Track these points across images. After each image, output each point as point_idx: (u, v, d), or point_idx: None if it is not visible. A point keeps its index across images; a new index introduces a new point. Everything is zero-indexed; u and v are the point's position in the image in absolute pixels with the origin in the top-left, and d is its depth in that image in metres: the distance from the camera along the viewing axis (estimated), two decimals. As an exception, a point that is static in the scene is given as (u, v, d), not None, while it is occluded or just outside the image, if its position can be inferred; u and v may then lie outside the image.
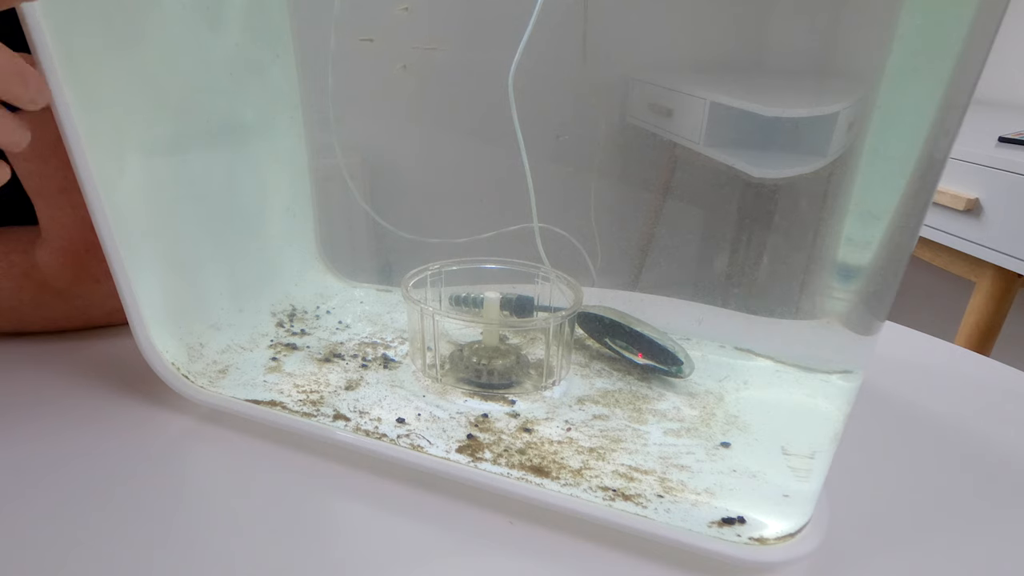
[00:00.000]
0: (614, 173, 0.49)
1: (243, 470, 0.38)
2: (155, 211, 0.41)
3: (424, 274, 0.47)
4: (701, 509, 0.33)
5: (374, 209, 0.52)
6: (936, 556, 0.34)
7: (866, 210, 0.33)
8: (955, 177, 1.10)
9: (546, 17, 0.37)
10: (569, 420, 0.40)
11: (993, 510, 0.37)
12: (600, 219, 0.48)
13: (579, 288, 0.44)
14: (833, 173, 0.36)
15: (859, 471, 0.39)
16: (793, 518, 0.32)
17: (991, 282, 1.10)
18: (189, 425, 0.41)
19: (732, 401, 0.42)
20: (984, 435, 0.44)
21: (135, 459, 0.38)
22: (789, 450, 0.37)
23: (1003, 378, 0.51)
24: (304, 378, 0.43)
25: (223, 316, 0.47)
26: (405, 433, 0.38)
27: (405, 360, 0.46)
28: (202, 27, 0.42)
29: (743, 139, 0.45)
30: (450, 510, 0.35)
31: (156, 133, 0.41)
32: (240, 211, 0.48)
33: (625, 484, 0.35)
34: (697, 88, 0.48)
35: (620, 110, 0.50)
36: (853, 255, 0.34)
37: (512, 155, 0.40)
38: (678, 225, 0.48)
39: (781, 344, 0.45)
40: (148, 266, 0.40)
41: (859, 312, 0.34)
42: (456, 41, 0.50)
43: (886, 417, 0.45)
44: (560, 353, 0.43)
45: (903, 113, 0.29)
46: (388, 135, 0.58)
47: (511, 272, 0.48)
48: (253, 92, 0.47)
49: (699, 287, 0.46)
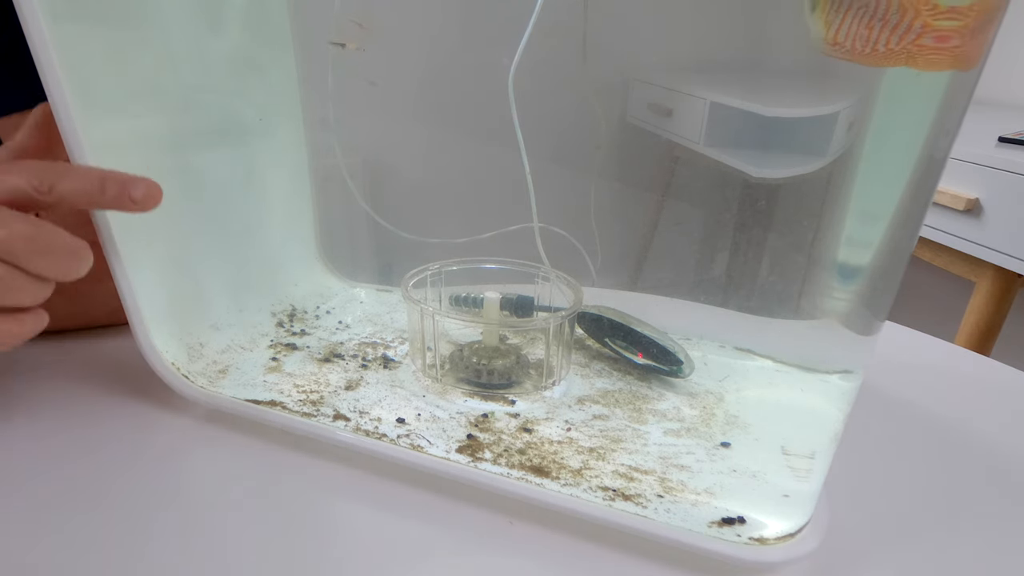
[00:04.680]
0: (614, 173, 0.49)
1: (243, 470, 0.38)
2: (155, 211, 0.41)
3: (424, 274, 0.47)
4: (701, 509, 0.33)
5: (374, 209, 0.52)
6: (936, 556, 0.34)
7: (866, 210, 0.33)
8: (955, 177, 1.10)
9: (546, 17, 0.37)
10: (569, 420, 0.40)
11: (993, 510, 0.37)
12: (600, 219, 0.48)
13: (579, 288, 0.44)
14: (833, 173, 0.36)
15: (859, 471, 0.39)
16: (793, 518, 0.32)
17: (991, 282, 1.10)
18: (189, 425, 0.41)
19: (732, 401, 0.42)
20: (984, 435, 0.44)
21: (135, 459, 0.38)
22: (789, 450, 0.37)
23: (1003, 378, 0.51)
24: (304, 378, 0.43)
25: (223, 316, 0.47)
26: (405, 433, 0.38)
27: (405, 360, 0.46)
28: (202, 27, 0.42)
29: (743, 139, 0.45)
30: (450, 510, 0.35)
31: (156, 133, 0.41)
32: (240, 211, 0.48)
33: (625, 484, 0.35)
34: (697, 88, 0.48)
35: (620, 110, 0.50)
36: (853, 255, 0.34)
37: (512, 155, 0.40)
38: (678, 225, 0.48)
39: (781, 344, 0.45)
40: (148, 266, 0.40)
41: (859, 312, 0.34)
42: (456, 41, 0.50)
43: (886, 417, 0.45)
44: (560, 353, 0.43)
45: (903, 113, 0.29)
46: (388, 135, 0.58)
47: (511, 272, 0.48)
48: (253, 92, 0.47)
49: (699, 287, 0.46)
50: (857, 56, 0.28)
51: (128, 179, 0.34)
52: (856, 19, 0.27)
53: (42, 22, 0.31)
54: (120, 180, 0.34)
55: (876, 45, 0.27)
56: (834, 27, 0.28)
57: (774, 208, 0.42)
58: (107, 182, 0.34)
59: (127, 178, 0.34)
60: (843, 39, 0.28)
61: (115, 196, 0.34)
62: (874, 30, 0.26)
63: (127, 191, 0.34)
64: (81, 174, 0.34)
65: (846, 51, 0.28)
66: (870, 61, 0.28)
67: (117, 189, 0.34)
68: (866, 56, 0.27)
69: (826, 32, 0.28)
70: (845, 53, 0.28)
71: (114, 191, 0.34)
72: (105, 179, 0.34)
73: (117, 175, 0.34)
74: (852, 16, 0.27)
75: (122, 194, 0.34)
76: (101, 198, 0.34)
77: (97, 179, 0.34)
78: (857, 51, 0.27)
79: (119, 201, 0.34)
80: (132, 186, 0.34)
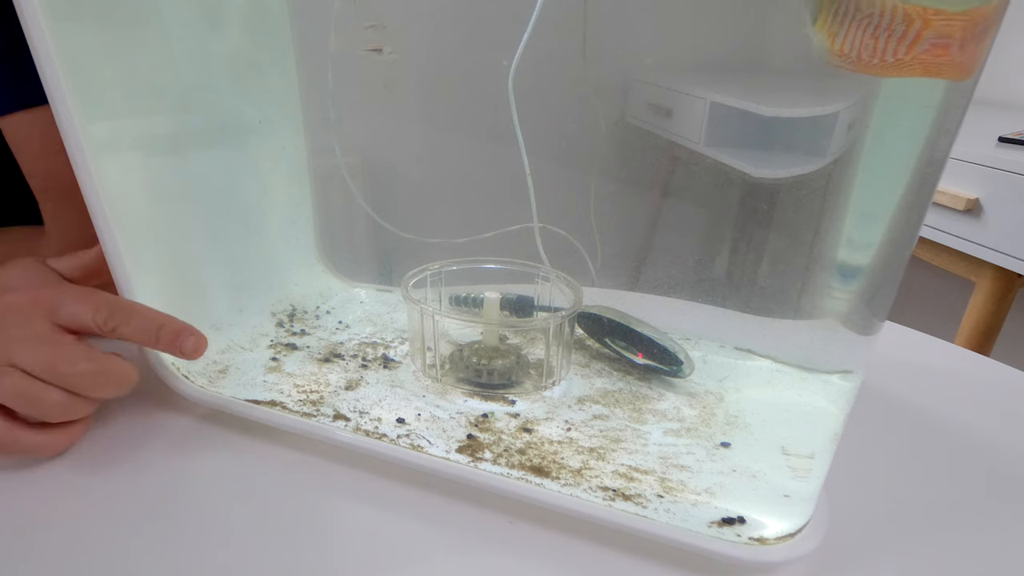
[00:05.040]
0: (614, 173, 0.49)
1: (243, 470, 0.38)
2: (155, 211, 0.41)
3: (424, 274, 0.47)
4: (701, 509, 0.33)
5: (374, 209, 0.52)
6: (936, 556, 0.34)
7: (866, 210, 0.33)
8: (955, 177, 1.10)
9: (546, 17, 0.37)
10: (569, 420, 0.40)
11: (993, 509, 0.37)
12: (600, 219, 0.48)
13: (579, 288, 0.44)
14: (833, 173, 0.36)
15: (859, 471, 0.39)
16: (793, 518, 0.32)
17: (991, 282, 1.10)
18: (189, 425, 0.41)
19: (732, 401, 0.42)
20: (984, 435, 0.44)
21: (135, 459, 0.38)
22: (789, 450, 0.37)
23: (1003, 378, 0.51)
24: (304, 378, 0.43)
25: (223, 316, 0.47)
26: (405, 433, 0.38)
27: (405, 360, 0.46)
28: (202, 27, 0.42)
29: (743, 139, 0.45)
30: (450, 510, 0.35)
31: (156, 133, 0.41)
32: (240, 211, 0.48)
33: (625, 484, 0.35)
34: (697, 88, 0.48)
35: (620, 110, 0.50)
36: (853, 255, 0.34)
37: (512, 155, 0.40)
38: (678, 225, 0.48)
39: (781, 344, 0.45)
40: (148, 266, 0.40)
41: (859, 312, 0.34)
42: (456, 41, 0.50)
43: (886, 417, 0.45)
44: (560, 353, 0.43)
45: (903, 113, 0.29)
46: (388, 135, 0.58)
47: (511, 272, 0.48)
48: (253, 92, 0.47)
49: (699, 287, 0.46)
50: (865, 67, 0.27)
51: (181, 330, 0.37)
52: (861, 30, 0.27)
53: (43, 22, 0.31)
54: (174, 330, 0.37)
55: (884, 55, 0.26)
56: (839, 38, 0.27)
57: (774, 208, 0.42)
58: (162, 331, 0.36)
59: (180, 329, 0.37)
60: (849, 50, 0.27)
61: (167, 344, 0.37)
62: (880, 40, 0.26)
63: (179, 342, 0.37)
64: (142, 322, 0.36)
65: (853, 62, 0.28)
66: (880, 72, 0.27)
67: (170, 339, 0.37)
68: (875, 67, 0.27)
69: (831, 43, 0.28)
70: (852, 64, 0.28)
71: (167, 340, 0.36)
72: (161, 328, 0.36)
73: (172, 325, 0.37)
74: (856, 27, 0.27)
75: (173, 344, 0.37)
76: (154, 344, 0.36)
77: (155, 328, 0.36)
78: (864, 61, 0.27)
79: (169, 348, 0.37)
80: (183, 338, 0.37)
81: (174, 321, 0.37)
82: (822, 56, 0.29)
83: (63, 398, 0.34)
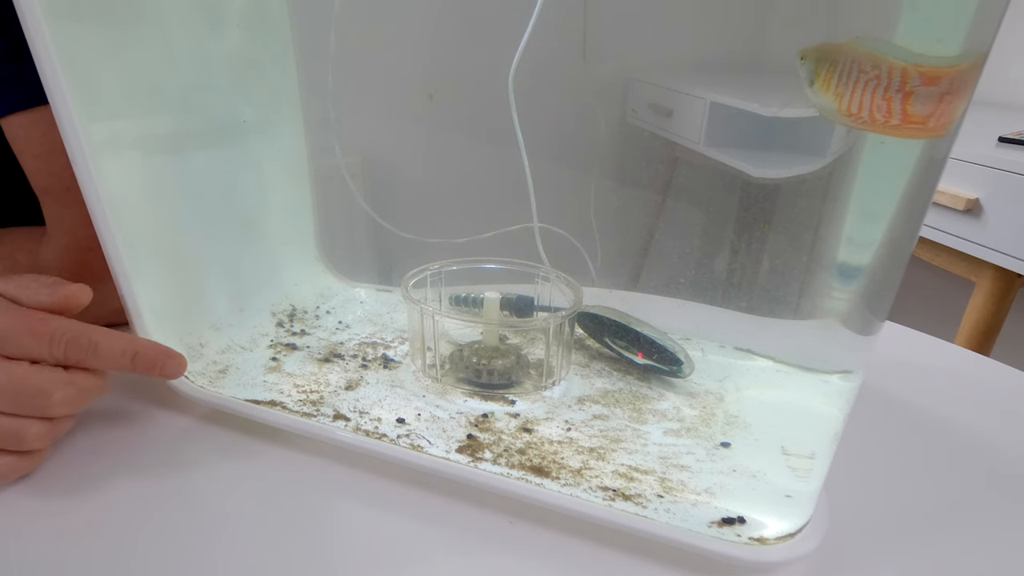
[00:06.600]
0: (614, 173, 0.49)
1: (243, 470, 0.38)
2: (155, 211, 0.41)
3: (424, 274, 0.47)
4: (701, 509, 0.33)
5: (374, 209, 0.52)
6: (936, 556, 0.34)
7: (866, 210, 0.33)
8: (955, 177, 1.10)
9: (546, 17, 0.37)
10: (569, 420, 0.40)
11: (993, 509, 0.37)
12: (600, 219, 0.48)
13: (579, 288, 0.44)
14: (833, 173, 0.36)
15: (859, 471, 0.39)
16: (793, 518, 0.32)
17: (991, 282, 1.10)
18: (189, 425, 0.41)
19: (732, 401, 0.42)
20: (984, 435, 0.44)
21: (135, 459, 0.38)
22: (789, 450, 0.37)
23: (1003, 378, 0.51)
24: (304, 378, 0.43)
25: (223, 316, 0.47)
26: (405, 433, 0.38)
27: (405, 360, 0.46)
28: (202, 26, 0.42)
29: (743, 139, 0.45)
30: (450, 510, 0.35)
31: (156, 133, 0.41)
32: (240, 211, 0.48)
33: (625, 484, 0.35)
34: (697, 88, 0.48)
35: (620, 110, 0.50)
36: (853, 255, 0.34)
37: (512, 155, 0.40)
38: (678, 225, 0.48)
39: (781, 344, 0.45)
40: (148, 266, 0.40)
41: (859, 312, 0.34)
42: (456, 41, 0.50)
43: (886, 417, 0.45)
44: (560, 353, 0.43)
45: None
46: (388, 135, 0.58)
47: (511, 272, 0.48)
48: (253, 92, 0.47)
49: (699, 287, 0.46)
50: (880, 127, 0.27)
51: (156, 357, 0.36)
52: (867, 91, 0.26)
53: (42, 21, 0.31)
54: (149, 359, 0.36)
55: (889, 117, 0.26)
56: (846, 99, 0.27)
57: (774, 208, 0.42)
58: (138, 359, 0.36)
59: (155, 357, 0.36)
60: (857, 110, 0.27)
61: (144, 371, 0.36)
62: (893, 101, 0.25)
63: (157, 369, 0.36)
64: (110, 351, 0.35)
65: (864, 122, 0.27)
66: (898, 133, 0.26)
67: (147, 367, 0.36)
68: (892, 128, 0.26)
69: (839, 104, 0.27)
70: (865, 124, 0.27)
71: (144, 367, 0.36)
72: (136, 356, 0.35)
73: (146, 353, 0.36)
74: (862, 89, 0.26)
75: (151, 371, 0.36)
76: (130, 371, 0.36)
77: (128, 357, 0.35)
78: (879, 122, 0.27)
79: (148, 374, 0.36)
80: (162, 363, 0.36)
81: (148, 347, 0.36)
82: (828, 115, 0.29)
83: (44, 428, 0.34)
